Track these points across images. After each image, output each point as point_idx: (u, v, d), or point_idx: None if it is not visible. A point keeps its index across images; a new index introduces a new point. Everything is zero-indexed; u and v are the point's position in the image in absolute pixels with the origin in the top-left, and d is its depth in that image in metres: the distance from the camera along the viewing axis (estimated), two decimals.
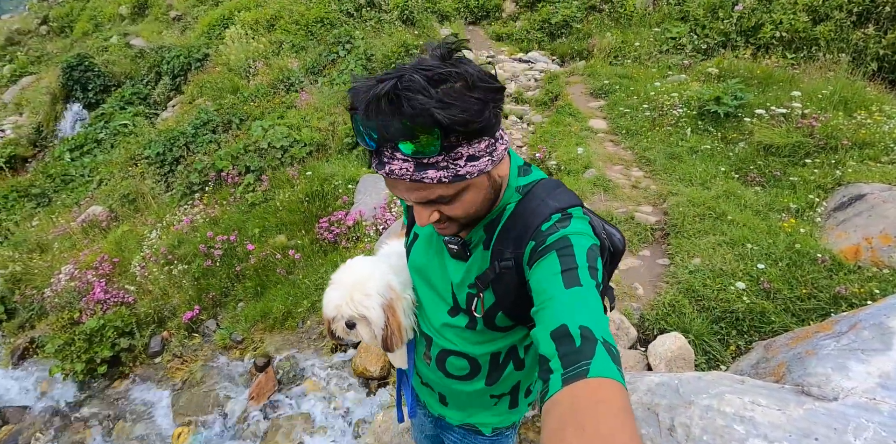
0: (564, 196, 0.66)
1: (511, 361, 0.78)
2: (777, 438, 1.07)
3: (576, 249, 0.57)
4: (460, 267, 0.73)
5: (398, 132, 0.51)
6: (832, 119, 2.75)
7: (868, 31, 4.62)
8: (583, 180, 3.15)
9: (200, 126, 5.33)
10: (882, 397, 1.04)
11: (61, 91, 10.07)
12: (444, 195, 0.58)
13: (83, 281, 3.40)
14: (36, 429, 2.48)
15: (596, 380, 0.42)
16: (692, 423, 1.16)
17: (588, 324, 0.48)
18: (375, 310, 0.74)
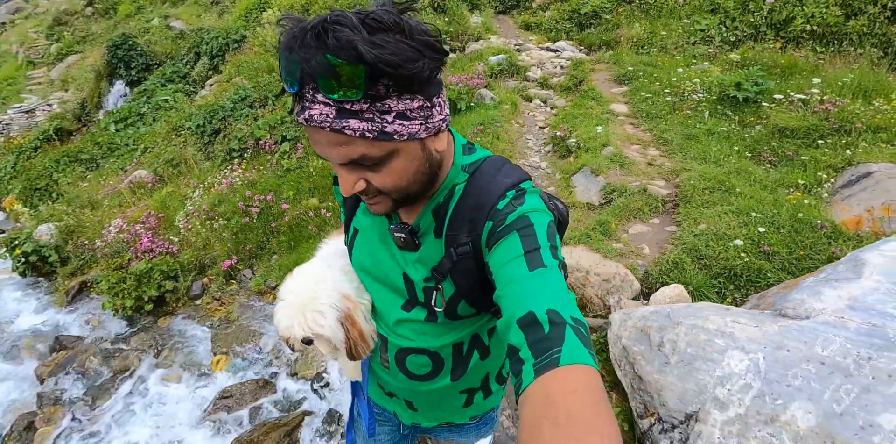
0: (514, 172, 0.64)
1: (475, 350, 0.75)
2: (752, 349, 1.22)
3: (536, 228, 0.55)
4: (411, 257, 0.68)
5: (320, 67, 0.46)
6: (849, 104, 2.81)
7: None
8: (600, 157, 3.28)
9: (238, 101, 5.63)
10: (850, 316, 1.17)
11: (105, 69, 10.54)
12: (369, 156, 0.52)
13: (131, 233, 3.71)
14: (89, 354, 2.79)
15: (567, 368, 0.42)
16: (678, 339, 1.32)
17: (555, 307, 0.47)
18: (331, 327, 0.69)
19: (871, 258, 1.23)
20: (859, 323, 1.15)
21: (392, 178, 0.55)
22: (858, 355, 1.09)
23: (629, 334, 1.46)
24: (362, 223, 0.75)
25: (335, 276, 0.74)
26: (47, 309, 3.64)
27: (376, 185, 0.56)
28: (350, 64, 0.45)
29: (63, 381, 2.65)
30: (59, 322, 3.38)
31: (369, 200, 0.60)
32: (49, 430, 2.29)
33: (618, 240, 2.43)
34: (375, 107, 0.49)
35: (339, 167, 0.55)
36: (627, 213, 2.67)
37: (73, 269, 3.95)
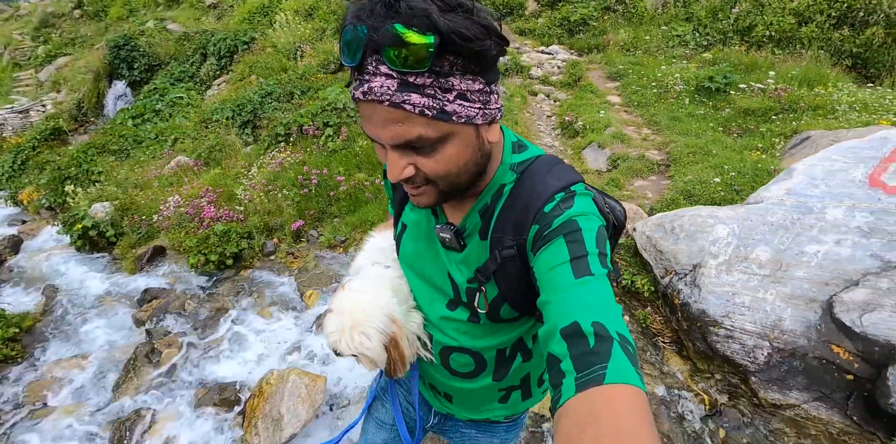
0: (565, 173, 0.63)
1: (518, 353, 0.76)
2: (730, 222, 1.98)
3: (584, 233, 0.54)
4: (456, 257, 0.69)
5: (387, 37, 0.45)
6: (796, 91, 3.70)
7: (844, 32, 5.59)
8: (604, 135, 4.08)
9: (265, 96, 6.24)
10: (786, 198, 1.94)
11: (105, 69, 10.87)
12: (425, 137, 0.51)
13: (193, 206, 4.25)
14: (184, 299, 3.33)
15: (614, 387, 0.40)
16: (684, 223, 2.07)
17: (601, 320, 0.46)
18: (375, 350, 0.73)
19: (798, 167, 2.00)
20: (792, 201, 1.92)
21: (444, 164, 0.54)
22: (792, 218, 1.86)
23: (650, 229, 2.20)
24: (410, 220, 0.76)
25: (385, 298, 0.76)
26: (116, 275, 4.13)
27: (426, 171, 0.55)
28: (420, 33, 0.45)
29: (165, 321, 3.18)
30: (133, 284, 3.89)
31: (415, 191, 0.59)
32: (173, 352, 2.84)
33: (626, 190, 3.19)
34: (438, 83, 0.48)
35: (390, 150, 0.54)
36: (631, 172, 3.45)
37: (132, 241, 4.45)
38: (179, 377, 2.60)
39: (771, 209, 1.92)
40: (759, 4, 6.24)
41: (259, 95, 6.26)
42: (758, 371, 1.69)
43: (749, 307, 1.76)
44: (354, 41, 0.48)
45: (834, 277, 1.68)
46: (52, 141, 9.77)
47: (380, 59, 0.47)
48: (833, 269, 1.69)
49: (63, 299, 3.80)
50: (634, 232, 2.36)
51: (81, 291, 3.92)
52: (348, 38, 0.48)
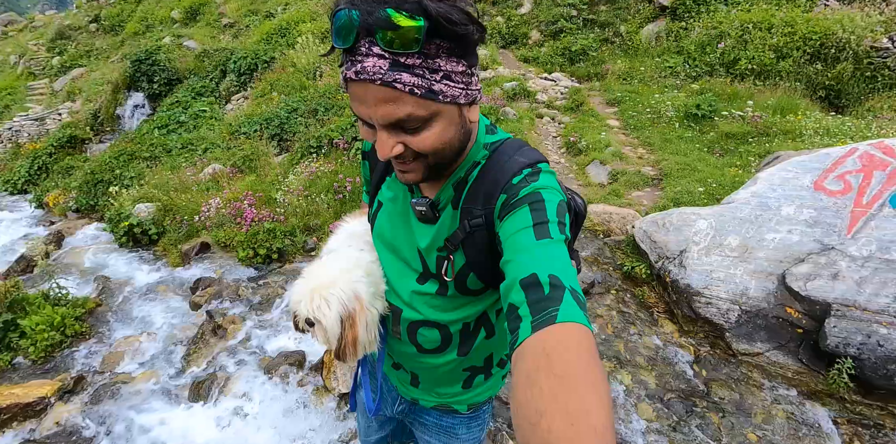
0: (532, 153, 0.70)
1: (482, 327, 0.81)
2: (708, 218, 2.58)
3: (547, 203, 0.60)
4: (429, 230, 0.74)
5: (380, 20, 0.50)
6: (770, 118, 4.41)
7: (818, 67, 6.40)
8: (605, 153, 4.73)
9: (291, 112, 6.89)
10: (751, 200, 2.55)
11: (124, 81, 11.51)
12: (414, 115, 0.56)
13: (234, 208, 4.78)
14: (236, 287, 3.82)
15: (564, 325, 0.45)
16: (673, 219, 2.67)
17: (557, 273, 0.51)
18: (330, 319, 0.73)
19: (761, 176, 2.62)
20: (756, 202, 2.53)
21: (431, 141, 0.60)
22: (755, 214, 2.46)
23: (646, 225, 2.79)
24: (386, 197, 0.81)
25: (357, 274, 0.78)
26: (162, 268, 4.61)
27: (415, 148, 0.60)
28: (411, 17, 0.50)
29: (221, 305, 3.66)
30: (181, 276, 4.36)
31: (403, 167, 0.64)
32: (236, 327, 3.31)
33: (625, 199, 3.80)
34: (427, 64, 0.54)
35: (380, 129, 0.58)
36: (629, 185, 4.08)
37: (173, 239, 4.94)
38: (246, 346, 3.07)
39: (740, 207, 2.53)
40: (742, 40, 7.09)
41: (285, 110, 6.90)
42: (730, 328, 2.24)
43: (723, 281, 2.33)
44: (347, 24, 0.52)
45: (786, 256, 2.27)
46: (68, 148, 10.31)
47: (372, 41, 0.52)
48: (785, 251, 2.28)
49: (116, 287, 4.25)
50: (633, 229, 2.95)
51: (132, 280, 4.38)
52: (341, 21, 0.53)
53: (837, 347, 1.97)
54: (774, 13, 7.08)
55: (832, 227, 2.26)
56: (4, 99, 14.29)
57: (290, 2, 12.04)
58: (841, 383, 1.93)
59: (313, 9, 11.25)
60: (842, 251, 2.16)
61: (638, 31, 8.37)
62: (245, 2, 13.44)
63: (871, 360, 1.89)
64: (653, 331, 2.38)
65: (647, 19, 8.49)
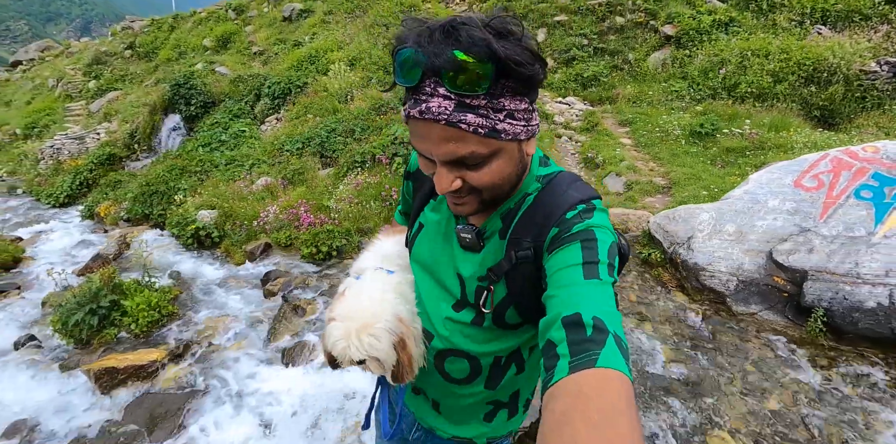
0: (586, 188, 0.71)
1: (513, 363, 0.81)
2: (710, 211, 3.27)
3: (599, 243, 0.61)
4: (472, 258, 0.75)
5: (448, 62, 0.52)
6: (765, 134, 5.16)
7: (812, 89, 7.19)
8: (620, 166, 5.48)
9: (330, 132, 7.75)
10: (744, 196, 3.24)
11: (162, 103, 12.59)
12: (477, 154, 0.58)
13: (290, 214, 5.52)
14: (303, 278, 4.50)
15: (604, 370, 0.45)
16: (681, 213, 3.37)
17: (601, 316, 0.51)
18: (385, 350, 0.75)
19: (752, 177, 3.32)
20: (748, 197, 3.22)
21: (490, 177, 0.62)
22: (748, 206, 3.15)
23: (659, 219, 3.48)
24: (429, 220, 0.83)
25: (392, 299, 0.80)
26: (226, 267, 5.31)
27: (473, 183, 0.62)
28: (480, 61, 0.52)
29: (293, 292, 4.33)
30: (248, 271, 5.05)
31: (458, 200, 0.66)
32: (314, 307, 3.97)
33: (639, 204, 4.50)
34: (492, 104, 0.56)
35: (440, 165, 0.60)
36: (642, 193, 4.79)
37: (235, 241, 5.66)
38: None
39: (735, 202, 3.22)
40: (742, 66, 7.94)
41: (325, 130, 7.78)
42: (730, 295, 2.89)
43: (723, 258, 2.99)
44: (413, 64, 0.55)
45: (772, 237, 2.93)
46: (107, 165, 11.26)
47: (438, 81, 0.55)
48: (772, 233, 2.95)
49: (189, 280, 4.95)
50: (648, 224, 3.64)
51: (202, 275, 5.09)
52: (406, 60, 0.56)
53: (813, 302, 2.60)
54: (771, 41, 7.95)
55: (808, 214, 2.94)
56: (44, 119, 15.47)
57: (317, 32, 13.21)
58: (816, 329, 2.56)
59: (340, 38, 12.38)
60: (815, 232, 2.83)
61: (645, 58, 9.31)
62: (274, 31, 14.70)
63: (839, 310, 2.53)
64: (668, 299, 3.04)
65: (653, 48, 9.44)
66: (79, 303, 3.89)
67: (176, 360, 3.50)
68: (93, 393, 3.36)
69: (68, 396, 3.39)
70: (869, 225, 2.72)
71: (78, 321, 3.80)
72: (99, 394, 3.34)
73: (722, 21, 9.05)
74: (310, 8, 14.09)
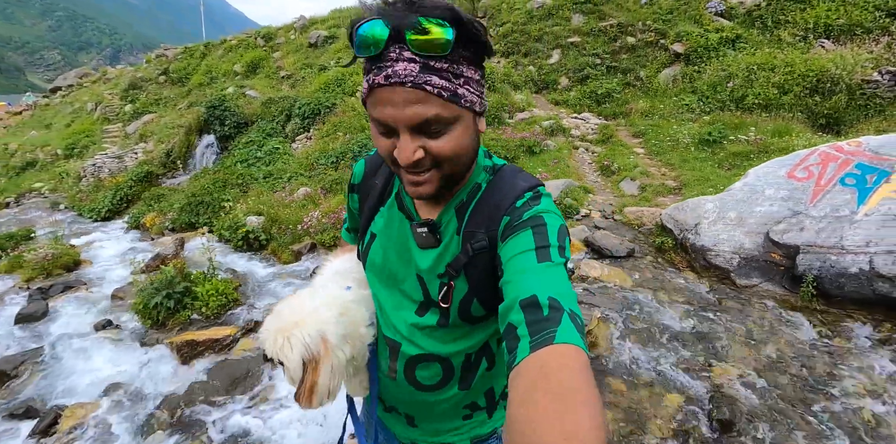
0: (531, 177, 0.76)
1: (483, 358, 0.84)
2: (714, 201, 3.82)
3: (549, 228, 0.66)
4: (430, 254, 0.77)
5: (412, 25, 0.57)
6: (768, 139, 5.72)
7: (816, 99, 7.71)
8: (634, 172, 6.06)
9: (362, 147, 8.51)
10: (744, 187, 3.78)
11: (197, 124, 13.61)
12: (441, 116, 0.61)
13: (332, 217, 6.18)
14: None
15: (562, 345, 0.50)
16: (689, 204, 3.92)
17: (556, 296, 0.56)
18: (293, 361, 0.74)
19: (751, 172, 3.86)
20: (748, 188, 3.76)
21: (451, 145, 0.64)
22: (747, 196, 3.69)
23: (670, 210, 4.03)
24: (380, 227, 0.84)
25: (324, 316, 0.78)
26: (275, 265, 5.95)
27: (435, 153, 0.64)
28: (442, 25, 0.57)
29: None
30: (296, 268, 5.67)
31: (418, 177, 0.67)
32: None
33: (654, 203, 5.05)
34: (452, 68, 0.60)
35: (403, 133, 0.62)
36: (655, 193, 5.34)
37: (281, 243, 6.32)
38: None
39: (736, 193, 3.76)
40: (749, 80, 8.53)
41: (357, 145, 8.55)
42: (734, 270, 3.39)
43: (727, 240, 3.51)
44: (376, 33, 0.58)
45: (769, 220, 3.45)
46: (144, 182, 12.20)
47: (403, 46, 0.58)
48: (768, 217, 3.48)
49: (242, 275, 5.58)
50: (661, 215, 4.18)
51: (254, 272, 5.73)
52: (368, 31, 0.59)
53: (805, 271, 3.10)
54: (776, 55, 8.57)
55: (800, 200, 3.46)
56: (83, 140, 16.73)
57: (342, 56, 14.29)
58: (808, 294, 3.04)
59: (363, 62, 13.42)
60: (806, 214, 3.35)
61: (656, 75, 10.02)
62: (300, 57, 15.89)
63: (827, 277, 3.02)
64: (679, 276, 3.55)
65: (663, 65, 10.16)
66: (157, 289, 4.54)
67: (248, 334, 4.09)
68: (174, 363, 3.95)
69: (151, 365, 3.99)
70: (852, 206, 3.23)
71: (157, 304, 4.43)
72: (179, 364, 3.93)
73: (729, 38, 9.75)
74: (334, 34, 15.27)
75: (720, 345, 2.71)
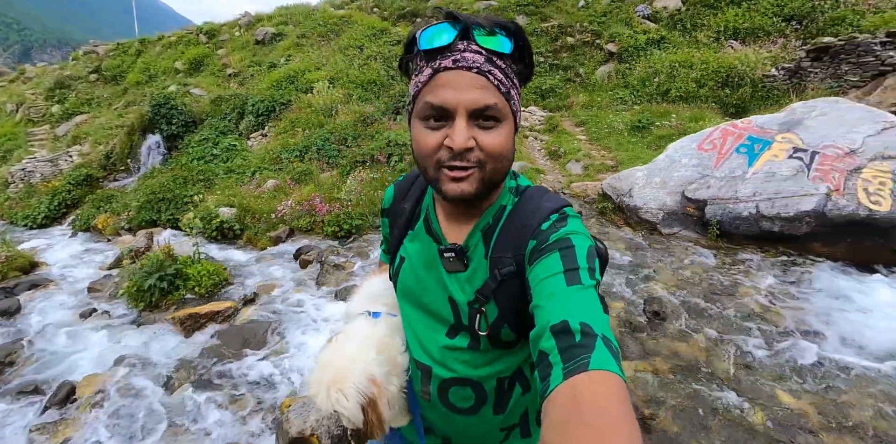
0: (557, 198, 0.78)
1: (517, 383, 0.85)
2: (643, 170, 4.75)
3: (577, 249, 0.66)
4: (459, 281, 0.79)
5: (481, 23, 0.64)
6: (687, 123, 6.86)
7: (727, 91, 9.10)
8: (578, 154, 7.02)
9: (325, 141, 8.95)
10: (665, 158, 4.72)
11: (141, 124, 13.34)
12: (497, 107, 0.66)
13: (306, 205, 6.63)
14: (332, 250, 5.60)
15: (596, 372, 0.48)
16: (623, 174, 4.83)
17: (588, 321, 0.55)
18: (352, 410, 0.79)
19: (670, 146, 4.83)
20: (668, 158, 4.71)
21: (500, 141, 0.68)
22: (668, 165, 4.65)
23: (609, 180, 4.94)
24: (410, 250, 0.87)
25: (369, 357, 0.84)
26: (252, 252, 6.32)
27: (484, 145, 0.67)
28: (505, 29, 0.66)
29: (329, 258, 5.41)
30: (273, 253, 6.08)
31: (461, 173, 0.68)
32: (351, 264, 5.08)
33: (595, 179, 5.98)
34: (509, 70, 0.68)
35: (460, 118, 0.65)
36: (596, 171, 6.29)
37: (256, 231, 6.68)
38: (365, 272, 4.86)
39: (659, 163, 4.71)
40: (672, 75, 9.85)
41: (321, 139, 8.98)
42: (659, 223, 4.31)
43: (653, 199, 4.43)
44: (446, 30, 0.65)
45: (684, 182, 4.41)
46: (84, 186, 11.87)
47: (471, 41, 0.65)
48: (684, 180, 4.44)
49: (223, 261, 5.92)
50: (602, 184, 5.08)
51: (234, 259, 6.07)
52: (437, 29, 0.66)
53: (711, 218, 4.06)
54: (694, 54, 9.97)
55: (707, 166, 4.44)
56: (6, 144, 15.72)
57: (292, 54, 14.46)
58: (714, 235, 4.01)
59: (316, 60, 13.66)
60: (711, 176, 4.33)
61: (594, 71, 11.21)
62: (247, 54, 15.84)
63: (726, 221, 4.00)
64: (619, 231, 4.44)
65: (599, 62, 11.37)
66: (147, 272, 4.84)
67: (248, 304, 4.52)
68: (178, 336, 4.29)
69: (155, 340, 4.28)
70: (744, 168, 4.24)
71: (151, 286, 4.74)
72: (183, 337, 4.28)
73: (655, 39, 11.12)
74: (282, 31, 15.40)
75: (651, 271, 3.58)
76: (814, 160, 3.93)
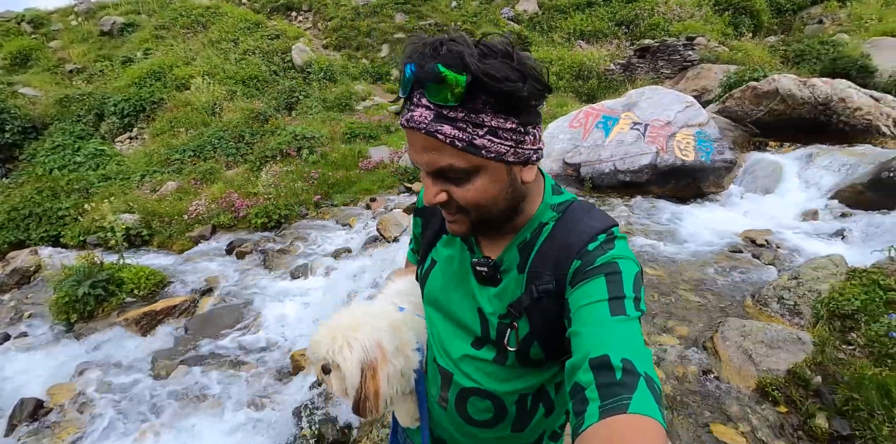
0: (603, 216, 0.75)
1: (541, 403, 0.84)
2: None
3: (624, 276, 0.64)
4: (490, 293, 0.78)
5: (428, 74, 0.59)
6: (555, 108, 8.54)
7: (580, 83, 11.21)
8: None
9: (220, 139, 8.94)
10: (547, 135, 6.11)
11: None
12: (455, 166, 0.64)
13: (223, 202, 6.82)
14: (266, 240, 5.99)
15: (636, 417, 0.47)
16: None
17: (631, 357, 0.54)
18: (351, 363, 0.76)
19: (550, 125, 6.24)
20: (549, 135, 6.11)
21: (473, 194, 0.66)
22: (549, 140, 6.04)
23: None
24: (442, 255, 0.87)
25: (379, 324, 0.84)
26: (170, 256, 6.35)
27: (457, 199, 0.67)
28: (455, 73, 0.58)
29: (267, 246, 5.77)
30: (201, 250, 6.23)
31: (449, 217, 0.72)
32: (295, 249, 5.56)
33: None
34: (470, 118, 0.61)
35: (425, 175, 0.68)
36: None
37: (170, 234, 6.68)
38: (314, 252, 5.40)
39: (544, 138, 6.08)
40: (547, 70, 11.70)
41: (215, 138, 8.93)
42: None
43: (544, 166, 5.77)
44: (407, 76, 0.64)
45: (563, 152, 5.84)
46: None
47: (422, 92, 0.62)
48: (563, 150, 5.86)
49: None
50: None
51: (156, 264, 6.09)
52: (406, 73, 0.64)
53: (585, 176, 5.53)
54: (552, 52, 11.95)
55: (577, 139, 5.92)
56: None
57: (150, 47, 13.43)
58: (588, 188, 5.47)
59: (183, 54, 12.96)
60: (582, 146, 5.81)
61: None
62: (91, 47, 14.24)
63: (596, 177, 5.50)
64: None
65: None
66: (77, 280, 4.80)
67: (206, 295, 4.79)
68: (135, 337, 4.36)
69: (109, 344, 4.30)
70: (603, 138, 5.79)
71: (85, 294, 4.72)
72: (140, 336, 4.41)
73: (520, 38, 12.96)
74: (134, 21, 14.17)
75: None
76: (646, 130, 5.61)
